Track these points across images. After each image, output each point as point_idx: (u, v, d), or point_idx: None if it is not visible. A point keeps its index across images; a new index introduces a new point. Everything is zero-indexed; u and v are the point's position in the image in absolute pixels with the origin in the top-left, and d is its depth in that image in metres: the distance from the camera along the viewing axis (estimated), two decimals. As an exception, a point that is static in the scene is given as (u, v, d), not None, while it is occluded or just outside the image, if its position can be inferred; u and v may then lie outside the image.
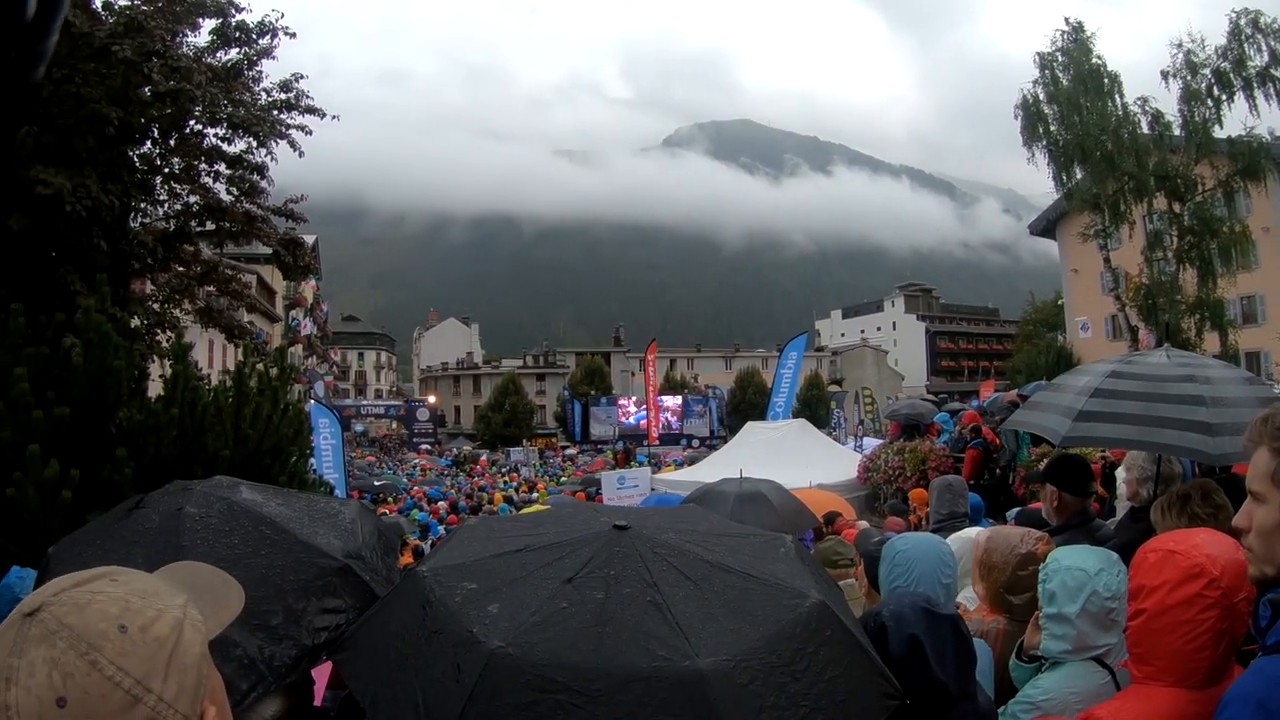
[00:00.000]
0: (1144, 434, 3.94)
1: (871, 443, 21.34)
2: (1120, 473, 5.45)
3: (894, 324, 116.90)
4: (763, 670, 1.88)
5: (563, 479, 45.35)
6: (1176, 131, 25.24)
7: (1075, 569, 2.76)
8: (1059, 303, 56.32)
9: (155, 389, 6.60)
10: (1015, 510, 8.11)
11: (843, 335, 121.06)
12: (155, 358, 9.68)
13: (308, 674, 2.34)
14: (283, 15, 10.46)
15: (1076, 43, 26.35)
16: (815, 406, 65.08)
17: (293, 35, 10.57)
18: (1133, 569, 2.33)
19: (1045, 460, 8.05)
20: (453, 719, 1.83)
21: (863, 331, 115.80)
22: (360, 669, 2.19)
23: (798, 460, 14.92)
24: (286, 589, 2.30)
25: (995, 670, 3.12)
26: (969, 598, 3.84)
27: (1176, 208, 25.45)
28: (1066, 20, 26.83)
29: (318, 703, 3.36)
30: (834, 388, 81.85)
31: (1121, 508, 5.47)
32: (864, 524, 9.33)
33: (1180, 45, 24.86)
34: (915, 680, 2.19)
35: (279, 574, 2.33)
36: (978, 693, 2.41)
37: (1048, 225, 49.74)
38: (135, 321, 9.79)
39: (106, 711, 1.11)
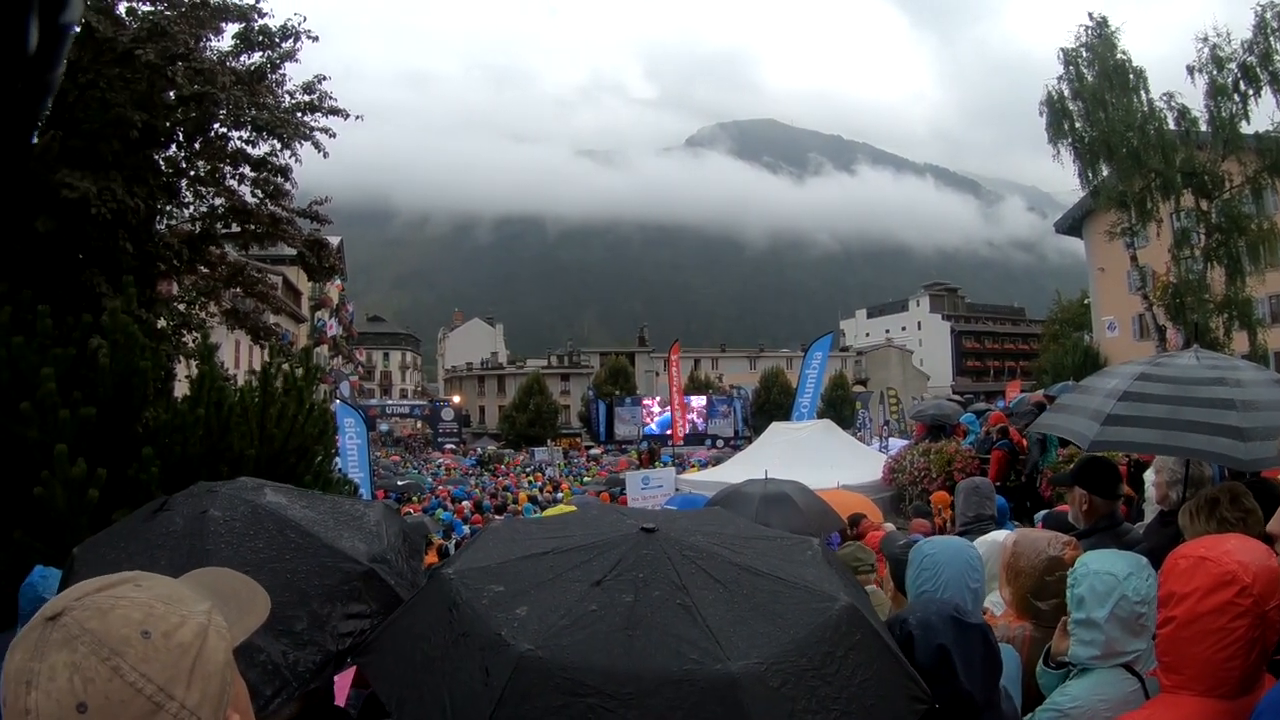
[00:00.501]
0: (1172, 438, 3.88)
1: (896, 443, 21.22)
2: (1149, 475, 5.38)
3: (919, 324, 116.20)
4: (794, 673, 1.87)
5: (587, 479, 45.42)
6: (1203, 127, 24.85)
7: (1104, 573, 2.72)
8: (1085, 302, 55.77)
9: (181, 389, 6.65)
10: (1043, 513, 8.03)
11: (867, 335, 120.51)
12: (181, 358, 9.76)
13: (328, 679, 2.34)
14: (305, 19, 10.52)
15: (1101, 38, 26.00)
16: (840, 407, 64.95)
17: (315, 38, 10.62)
18: (1163, 575, 2.28)
19: (1073, 462, 7.97)
20: None
21: (887, 331, 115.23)
22: (386, 671, 2.19)
23: (823, 461, 14.86)
24: (311, 594, 2.30)
25: (1022, 677, 3.09)
26: (995, 602, 3.80)
27: (1204, 205, 25.08)
28: (1090, 15, 26.46)
29: (341, 701, 3.37)
30: (859, 388, 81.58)
31: (1150, 510, 5.40)
32: (890, 526, 9.28)
33: (1205, 39, 24.48)
34: (942, 690, 2.15)
35: (303, 579, 2.32)
36: (1002, 701, 2.38)
37: (1073, 223, 49.18)
38: (161, 323, 9.87)
39: (127, 718, 1.10)
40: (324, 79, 10.83)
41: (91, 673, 1.10)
